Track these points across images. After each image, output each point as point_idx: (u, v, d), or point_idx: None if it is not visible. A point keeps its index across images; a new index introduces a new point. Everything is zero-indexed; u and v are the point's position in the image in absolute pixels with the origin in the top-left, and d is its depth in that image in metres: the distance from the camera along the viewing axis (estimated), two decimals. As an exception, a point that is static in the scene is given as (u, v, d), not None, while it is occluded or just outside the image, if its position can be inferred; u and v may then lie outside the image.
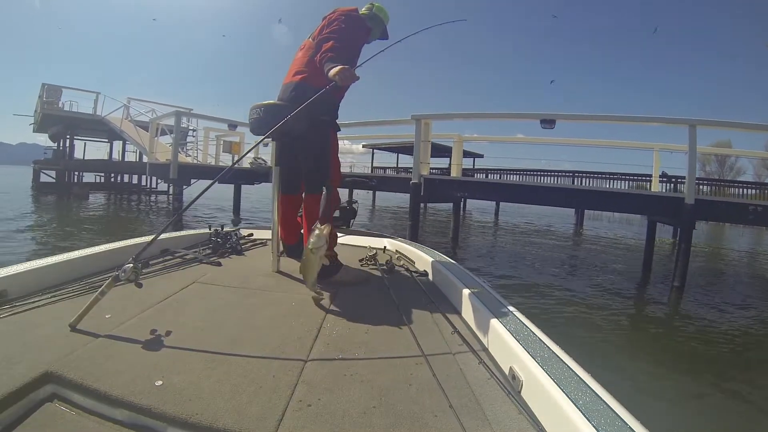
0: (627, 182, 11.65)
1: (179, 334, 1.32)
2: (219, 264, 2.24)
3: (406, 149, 20.20)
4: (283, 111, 1.94)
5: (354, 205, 4.15)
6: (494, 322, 1.37)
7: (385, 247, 2.87)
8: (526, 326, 1.33)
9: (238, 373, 1.11)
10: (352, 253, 2.55)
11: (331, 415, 0.95)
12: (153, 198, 19.08)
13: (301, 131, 2.06)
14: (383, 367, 1.21)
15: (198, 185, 10.66)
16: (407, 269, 2.34)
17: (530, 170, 13.76)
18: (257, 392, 1.02)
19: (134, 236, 2.54)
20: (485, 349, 1.37)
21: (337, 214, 2.24)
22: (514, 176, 12.94)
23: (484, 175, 14.11)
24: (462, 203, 9.93)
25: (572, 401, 0.91)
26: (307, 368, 1.17)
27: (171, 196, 11.82)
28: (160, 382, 1.02)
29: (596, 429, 0.82)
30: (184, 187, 9.89)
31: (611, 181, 11.74)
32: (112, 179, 20.85)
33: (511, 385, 1.13)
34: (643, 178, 11.42)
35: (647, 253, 7.78)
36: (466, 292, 1.70)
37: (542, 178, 13.42)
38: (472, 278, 1.91)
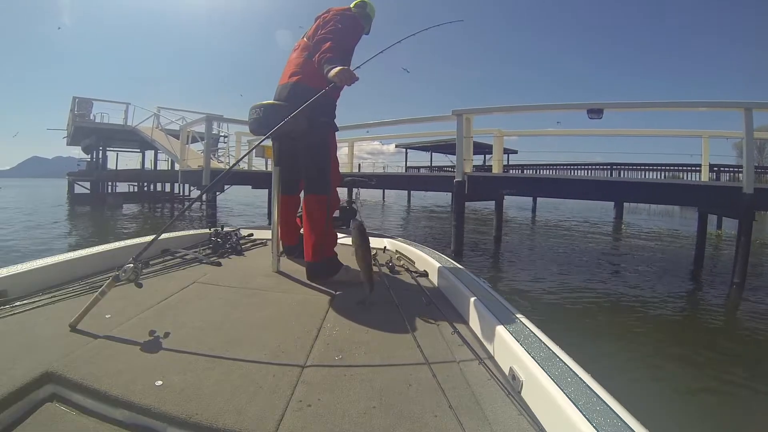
0: (662, 173, 11.13)
1: (179, 334, 1.32)
2: (219, 264, 2.24)
3: (439, 147, 19.91)
4: (282, 111, 1.94)
5: (354, 205, 4.15)
6: (494, 323, 1.37)
7: (385, 247, 2.86)
8: (526, 326, 1.33)
9: (237, 373, 1.11)
10: (352, 253, 2.50)
11: (331, 415, 0.95)
12: (186, 205, 19.16)
13: (300, 132, 2.06)
14: (383, 368, 1.21)
15: (231, 191, 10.56)
16: (407, 269, 2.33)
17: (565, 164, 13.27)
18: (257, 392, 1.02)
19: None
20: (485, 350, 1.37)
21: (336, 214, 2.29)
22: (547, 170, 12.57)
23: (520, 170, 13.64)
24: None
25: (572, 401, 0.91)
26: (306, 368, 1.17)
27: (204, 203, 11.77)
28: (160, 382, 1.02)
29: (596, 429, 0.82)
30: (217, 193, 9.77)
31: (645, 172, 11.21)
32: (145, 188, 21.08)
33: (511, 385, 1.13)
34: (679, 167, 10.89)
35: (699, 247, 7.25)
36: (466, 292, 1.69)
37: (577, 171, 12.92)
38: (472, 278, 1.90)
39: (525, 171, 13.16)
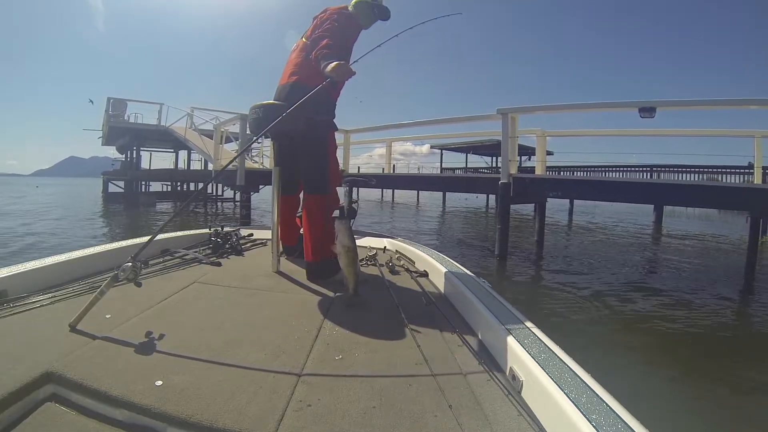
0: (699, 175, 11.09)
1: (179, 334, 1.31)
2: (219, 264, 2.24)
3: (476, 148, 19.58)
4: (281, 111, 1.92)
5: (354, 205, 4.01)
6: (494, 323, 1.36)
7: (385, 247, 2.86)
8: (526, 326, 1.33)
9: (238, 373, 1.10)
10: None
11: (331, 415, 0.95)
12: (219, 205, 19.25)
13: (299, 131, 2.05)
14: (383, 368, 1.20)
15: (266, 191, 10.50)
16: (407, 269, 2.32)
17: (600, 166, 13.22)
18: (257, 392, 1.01)
19: None
20: (485, 350, 1.37)
21: (336, 213, 2.13)
22: (580, 173, 12.39)
23: (556, 172, 13.28)
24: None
25: (572, 401, 0.90)
26: (306, 368, 1.16)
27: (239, 203, 11.75)
28: (160, 382, 1.02)
29: (596, 429, 0.81)
30: (252, 193, 9.67)
31: (682, 174, 11.07)
32: (178, 188, 21.39)
33: (511, 385, 1.13)
34: (717, 170, 10.87)
35: (750, 255, 6.65)
36: (466, 292, 1.69)
37: (611, 173, 12.74)
38: (472, 278, 1.89)
39: (561, 173, 12.76)
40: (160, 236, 2.51)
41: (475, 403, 1.03)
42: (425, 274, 2.25)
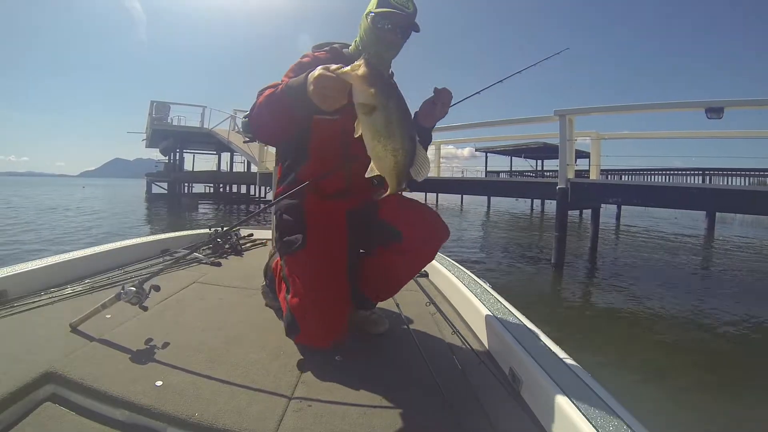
0: (747, 179, 10.86)
1: (179, 335, 1.31)
2: (219, 264, 2.24)
3: (521, 151, 19.18)
4: None
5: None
6: (494, 322, 1.37)
7: None
8: (526, 326, 1.33)
9: (238, 373, 1.10)
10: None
11: (331, 415, 0.95)
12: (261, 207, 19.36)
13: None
14: (383, 368, 1.21)
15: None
16: None
17: (645, 169, 13.19)
18: (257, 392, 1.02)
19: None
20: (485, 349, 1.37)
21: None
22: (626, 176, 12.14)
23: (605, 176, 12.86)
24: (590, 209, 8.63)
25: (572, 401, 0.90)
26: (306, 369, 1.16)
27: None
28: (160, 383, 1.01)
29: (596, 429, 0.81)
30: None
31: (732, 177, 11.07)
32: (221, 189, 21.81)
33: (511, 385, 1.13)
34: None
35: None
36: (466, 292, 1.69)
37: (656, 177, 12.56)
38: (472, 279, 1.90)
39: (609, 177, 12.32)
40: (160, 236, 2.55)
41: (476, 403, 1.04)
42: (425, 274, 2.24)
